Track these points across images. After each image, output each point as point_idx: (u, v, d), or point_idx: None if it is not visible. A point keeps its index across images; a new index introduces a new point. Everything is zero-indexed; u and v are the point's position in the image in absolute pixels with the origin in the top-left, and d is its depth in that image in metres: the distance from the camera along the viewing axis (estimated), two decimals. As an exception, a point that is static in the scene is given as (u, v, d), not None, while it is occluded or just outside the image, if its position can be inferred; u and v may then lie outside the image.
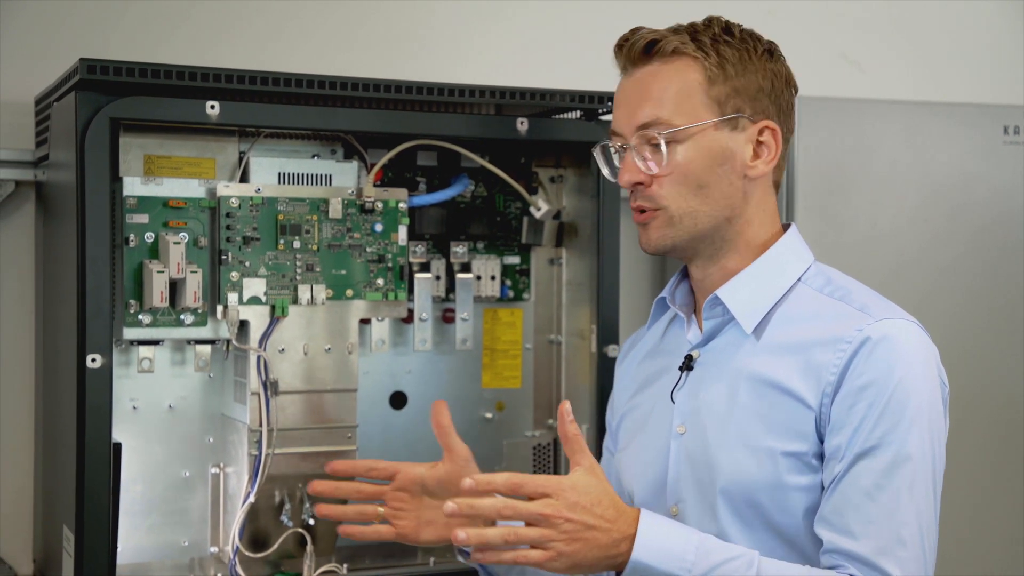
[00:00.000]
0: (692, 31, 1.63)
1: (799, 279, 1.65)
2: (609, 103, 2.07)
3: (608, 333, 2.09)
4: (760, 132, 1.63)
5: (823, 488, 1.55)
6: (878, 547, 1.49)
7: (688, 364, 1.68)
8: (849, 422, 1.51)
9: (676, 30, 1.64)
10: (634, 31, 1.65)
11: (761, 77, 1.63)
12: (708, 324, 1.67)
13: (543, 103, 2.04)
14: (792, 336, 1.59)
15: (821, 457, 1.55)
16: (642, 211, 1.64)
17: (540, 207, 2.17)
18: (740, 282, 1.64)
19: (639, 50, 1.62)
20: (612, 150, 1.68)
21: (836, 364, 1.53)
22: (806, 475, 1.55)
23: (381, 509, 1.78)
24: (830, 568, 1.51)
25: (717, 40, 1.62)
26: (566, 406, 1.54)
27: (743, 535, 1.58)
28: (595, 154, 1.74)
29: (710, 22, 1.65)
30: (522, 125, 2.04)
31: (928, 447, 1.51)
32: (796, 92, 1.68)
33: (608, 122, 2.09)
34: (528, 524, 1.46)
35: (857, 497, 1.50)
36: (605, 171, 1.74)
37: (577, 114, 2.13)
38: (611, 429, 1.88)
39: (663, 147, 1.59)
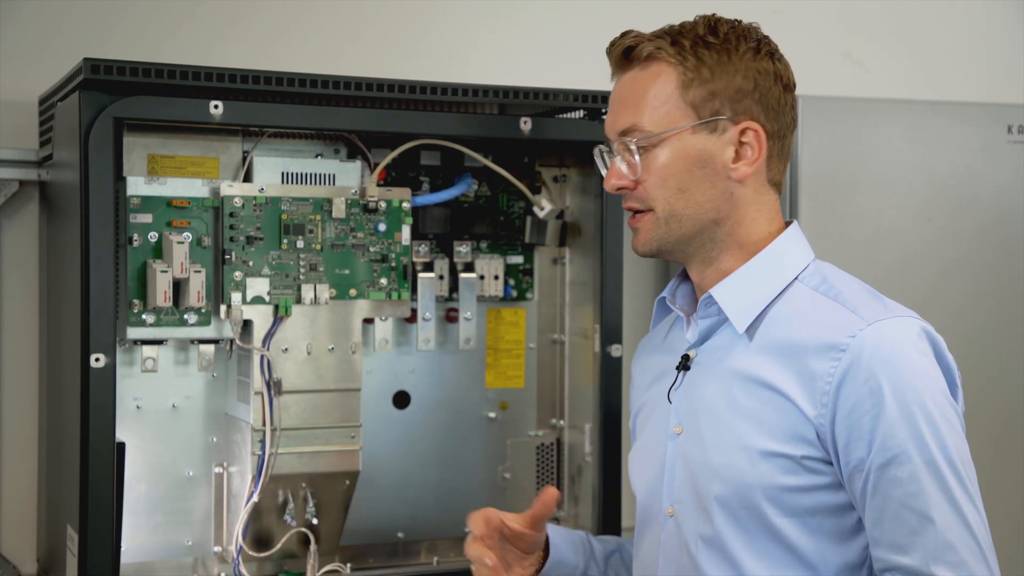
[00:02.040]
0: (674, 33, 1.62)
1: (796, 278, 1.64)
2: (612, 103, 2.07)
3: (611, 333, 2.09)
4: (742, 133, 1.60)
5: (847, 493, 1.54)
6: (929, 556, 1.48)
7: (685, 364, 1.67)
8: (860, 435, 1.50)
9: (658, 34, 1.63)
10: (623, 35, 1.64)
11: (742, 78, 1.60)
12: (703, 324, 1.66)
13: (546, 103, 2.04)
14: (784, 336, 1.58)
15: (824, 462, 1.54)
16: (633, 214, 1.65)
17: (543, 207, 2.17)
18: (733, 281, 1.63)
19: (619, 55, 1.63)
20: (604, 154, 1.68)
21: (831, 373, 1.52)
22: (801, 476, 1.54)
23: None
24: None
25: (697, 43, 1.60)
26: None
27: (739, 538, 1.56)
28: (595, 157, 1.73)
29: (696, 23, 1.63)
30: (525, 125, 2.04)
31: (945, 441, 1.50)
32: (791, 88, 1.65)
33: (611, 122, 2.10)
34: None
35: (893, 509, 1.49)
36: (604, 174, 1.72)
37: (580, 113, 2.12)
38: (632, 431, 1.86)
39: (637, 154, 1.60)
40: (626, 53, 1.62)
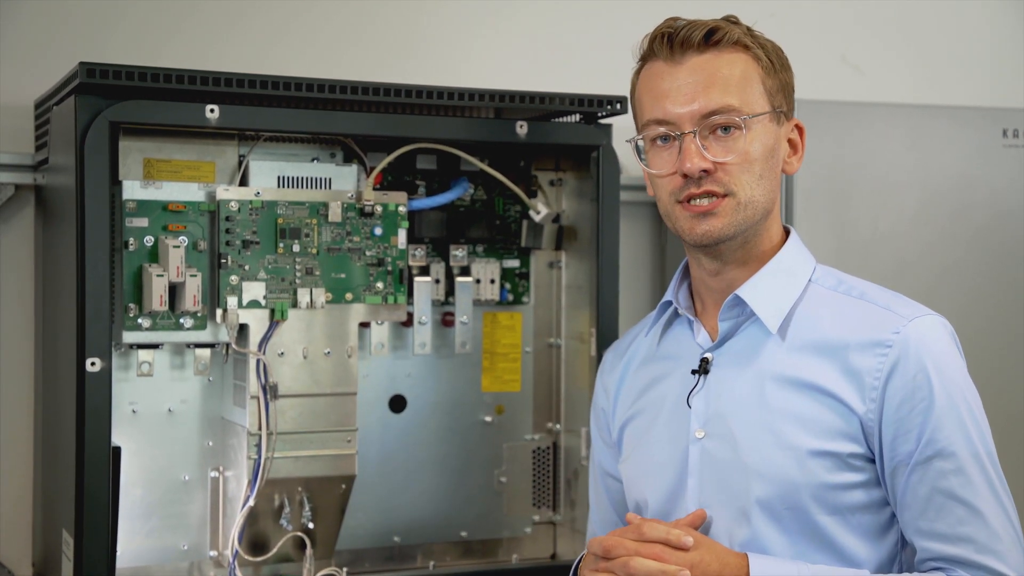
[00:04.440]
0: (729, 27, 1.62)
1: (810, 279, 1.66)
2: (608, 106, 2.06)
3: (607, 336, 2.09)
4: (792, 129, 1.67)
5: (885, 490, 1.57)
6: (977, 546, 1.52)
7: (704, 367, 1.66)
8: (909, 428, 1.53)
9: (718, 22, 1.62)
10: (675, 20, 1.63)
11: (792, 77, 1.67)
12: (725, 325, 1.65)
13: (542, 106, 2.04)
14: (819, 335, 1.59)
15: (866, 459, 1.56)
16: (707, 198, 1.60)
17: (539, 210, 2.17)
18: (760, 282, 1.64)
19: (699, 38, 1.60)
20: (659, 140, 1.62)
21: (879, 369, 1.54)
22: (846, 474, 1.56)
23: None
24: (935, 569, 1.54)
25: (756, 37, 1.64)
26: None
27: (779, 539, 1.56)
28: (631, 146, 1.69)
29: (734, 20, 1.64)
30: (521, 128, 2.04)
31: (985, 435, 1.56)
32: None
33: (608, 125, 2.10)
34: None
35: (940, 501, 1.53)
36: (641, 163, 1.67)
37: (576, 117, 2.12)
38: (607, 442, 1.84)
39: (742, 133, 1.58)
40: (709, 36, 1.60)
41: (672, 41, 1.61)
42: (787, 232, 1.71)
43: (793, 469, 1.55)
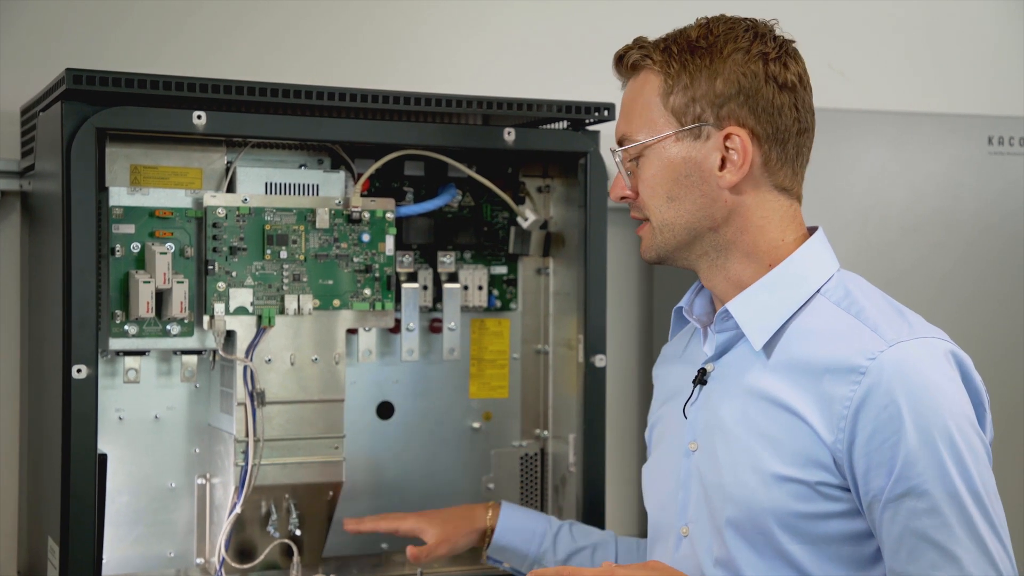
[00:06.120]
0: (669, 40, 1.59)
1: (818, 290, 1.57)
2: (596, 113, 2.07)
3: (595, 343, 2.09)
4: (726, 139, 1.55)
5: (865, 521, 1.48)
6: None
7: (701, 378, 1.62)
8: (880, 463, 1.43)
9: (656, 40, 1.61)
10: (632, 42, 1.64)
11: (723, 82, 1.54)
12: (720, 337, 1.60)
13: (530, 113, 2.04)
14: (802, 355, 1.51)
15: (841, 488, 1.48)
16: (639, 223, 1.65)
17: (527, 217, 2.17)
18: (751, 295, 1.57)
19: (615, 64, 1.64)
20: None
21: (849, 397, 1.45)
22: (816, 503, 1.48)
23: None
24: None
25: (684, 48, 1.57)
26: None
27: (753, 562, 1.51)
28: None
29: (693, 26, 1.60)
30: (509, 135, 2.04)
31: (969, 472, 1.43)
32: (790, 89, 1.57)
33: (595, 132, 2.11)
34: None
35: (912, 542, 1.43)
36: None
37: (564, 124, 2.13)
38: (648, 444, 1.82)
39: (623, 163, 1.61)
40: (618, 61, 1.63)
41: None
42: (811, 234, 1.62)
43: (760, 493, 1.50)
